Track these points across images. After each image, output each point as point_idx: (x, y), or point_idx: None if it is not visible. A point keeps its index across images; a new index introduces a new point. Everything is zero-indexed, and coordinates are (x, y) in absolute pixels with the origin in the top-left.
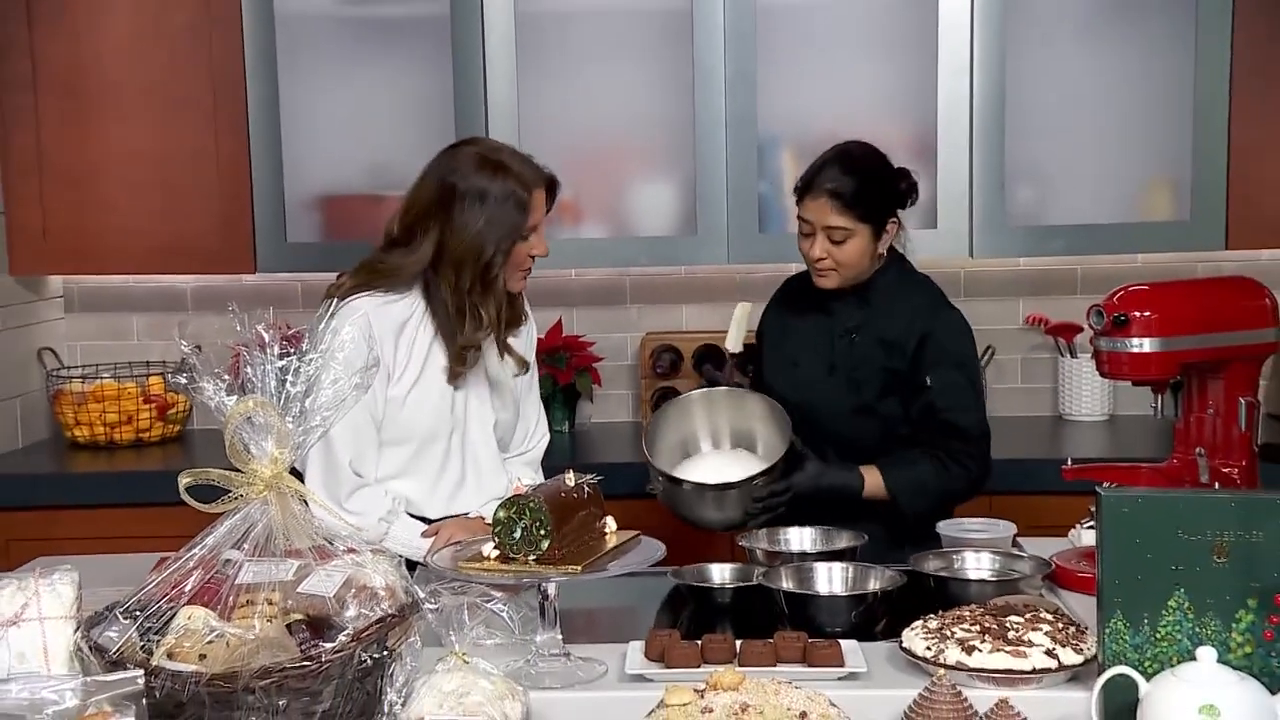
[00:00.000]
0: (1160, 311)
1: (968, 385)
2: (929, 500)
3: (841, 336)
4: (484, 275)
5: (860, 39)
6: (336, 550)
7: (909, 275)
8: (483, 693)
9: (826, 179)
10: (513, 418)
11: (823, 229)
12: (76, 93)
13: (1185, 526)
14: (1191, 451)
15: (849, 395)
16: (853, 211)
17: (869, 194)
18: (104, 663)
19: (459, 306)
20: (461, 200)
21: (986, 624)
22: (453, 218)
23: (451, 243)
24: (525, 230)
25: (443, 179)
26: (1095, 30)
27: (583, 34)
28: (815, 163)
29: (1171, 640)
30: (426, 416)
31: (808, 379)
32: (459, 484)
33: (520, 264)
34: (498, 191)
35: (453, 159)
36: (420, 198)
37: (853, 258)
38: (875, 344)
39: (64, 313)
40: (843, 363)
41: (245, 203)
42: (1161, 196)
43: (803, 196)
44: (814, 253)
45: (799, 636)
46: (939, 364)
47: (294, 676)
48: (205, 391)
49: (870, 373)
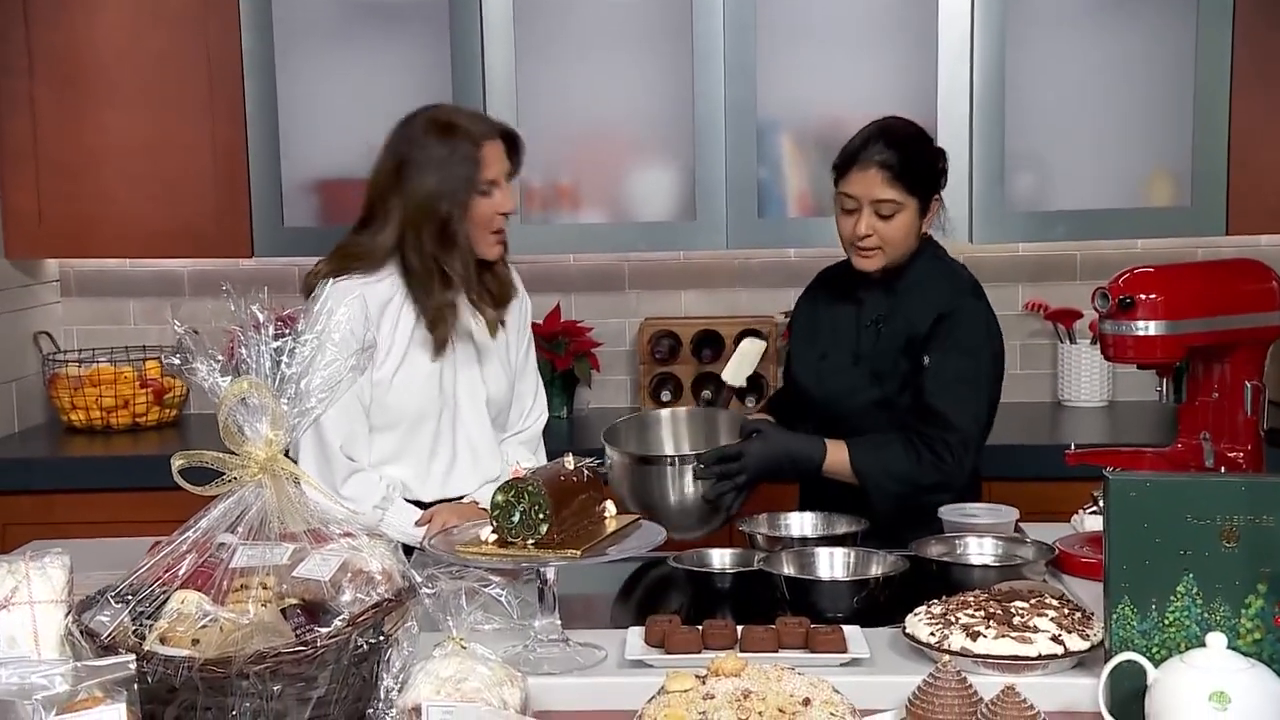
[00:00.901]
0: (1166, 294)
1: (969, 375)
2: (893, 485)
3: (868, 326)
4: (443, 232)
5: (860, 24)
6: (332, 534)
7: (941, 263)
8: (480, 678)
9: (874, 151)
10: (506, 393)
11: (870, 203)
12: (73, 78)
13: (1194, 511)
14: (1196, 436)
15: (871, 388)
16: (902, 183)
17: (918, 165)
18: (95, 647)
19: (426, 268)
20: (415, 167)
21: (991, 609)
22: (409, 187)
23: (409, 210)
24: (481, 184)
25: (396, 151)
26: (1096, 15)
27: (582, 19)
28: (857, 137)
29: (1180, 626)
30: (414, 397)
31: (833, 370)
32: (452, 465)
33: (487, 223)
34: (446, 150)
35: (404, 129)
36: (379, 174)
37: (899, 234)
38: (899, 334)
39: (60, 296)
40: (867, 353)
41: (242, 187)
42: (1162, 182)
43: (847, 170)
44: (859, 229)
45: (801, 622)
46: (943, 347)
47: (288, 662)
48: (199, 373)
49: (891, 364)
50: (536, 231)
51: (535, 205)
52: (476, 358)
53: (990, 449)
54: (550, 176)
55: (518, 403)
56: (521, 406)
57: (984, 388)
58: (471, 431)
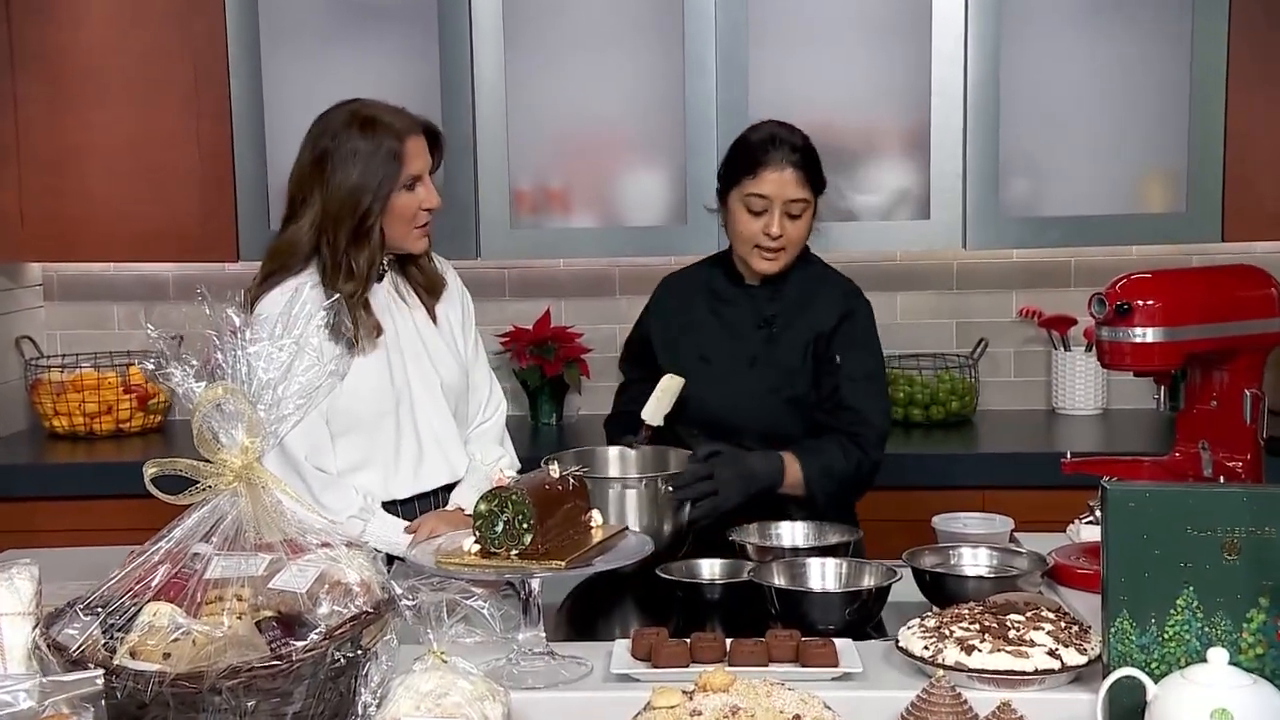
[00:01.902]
0: (1164, 300)
1: (876, 372)
2: (835, 484)
3: (759, 328)
4: (358, 227)
5: (853, 26)
6: (309, 544)
7: (822, 263)
8: (462, 693)
9: (784, 151)
10: (460, 379)
11: (783, 203)
12: (55, 76)
13: (1194, 522)
14: (1194, 445)
15: (780, 387)
16: (810, 184)
17: (817, 166)
18: (64, 662)
19: (335, 262)
20: (334, 160)
21: (986, 623)
22: (328, 180)
23: (330, 204)
24: (404, 180)
25: (315, 143)
26: (1091, 19)
27: (572, 19)
28: (759, 137)
29: (1180, 641)
30: (366, 397)
31: (724, 373)
32: (419, 457)
33: (410, 218)
34: (369, 146)
35: (325, 122)
36: (299, 167)
37: (803, 235)
38: (801, 333)
39: (43, 301)
40: (764, 355)
41: (228, 189)
42: (1157, 188)
43: (756, 170)
44: (774, 230)
45: (791, 635)
46: (851, 345)
47: (263, 676)
48: (173, 378)
49: (800, 361)
50: (526, 236)
51: (525, 209)
52: (424, 348)
53: (983, 457)
54: (540, 180)
55: (474, 394)
56: (478, 398)
57: (885, 384)
58: (433, 420)
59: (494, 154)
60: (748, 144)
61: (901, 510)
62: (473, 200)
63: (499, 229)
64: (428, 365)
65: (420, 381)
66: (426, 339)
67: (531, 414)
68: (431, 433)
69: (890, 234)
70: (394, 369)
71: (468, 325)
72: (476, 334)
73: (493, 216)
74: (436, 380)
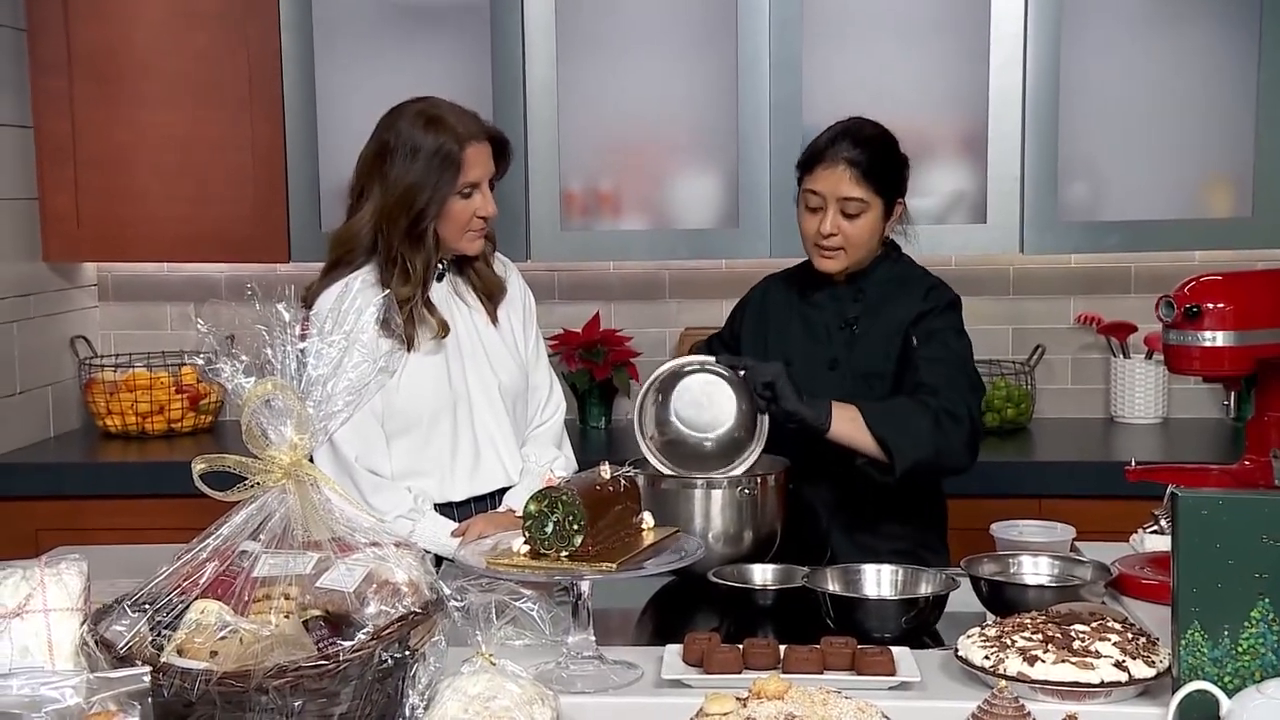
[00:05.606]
0: (1235, 303)
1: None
2: (923, 451)
3: (841, 329)
4: (412, 227)
5: (909, 26)
6: (358, 543)
7: (913, 265)
8: (510, 696)
9: (842, 149)
10: (520, 381)
11: (836, 201)
12: (111, 78)
13: (1270, 531)
14: (1265, 453)
15: (860, 392)
16: (869, 182)
17: (884, 166)
18: (111, 658)
19: (390, 259)
20: (394, 155)
21: (1049, 632)
22: (387, 173)
23: (388, 198)
24: (461, 186)
25: (380, 135)
26: (1152, 20)
27: (624, 20)
28: (824, 134)
29: (1255, 654)
30: (424, 397)
31: (805, 377)
32: (476, 460)
33: (464, 223)
34: (430, 145)
35: (393, 115)
36: (363, 156)
37: (864, 235)
38: (881, 334)
39: (97, 301)
40: (845, 357)
41: (280, 191)
42: (1221, 192)
43: (813, 167)
44: (825, 228)
45: (847, 642)
46: (932, 334)
47: (310, 676)
48: (223, 373)
49: (880, 363)
50: (576, 238)
51: (575, 212)
52: (482, 350)
53: (1041, 465)
54: (590, 182)
55: (533, 395)
56: (538, 399)
57: (972, 371)
58: (489, 424)
59: (545, 156)
60: (814, 139)
61: (955, 518)
62: (523, 202)
63: (549, 231)
64: (485, 367)
65: (478, 383)
66: (485, 340)
67: (580, 418)
68: (488, 435)
69: (946, 238)
70: (452, 370)
71: (529, 325)
72: (538, 334)
73: (543, 219)
74: (494, 382)
